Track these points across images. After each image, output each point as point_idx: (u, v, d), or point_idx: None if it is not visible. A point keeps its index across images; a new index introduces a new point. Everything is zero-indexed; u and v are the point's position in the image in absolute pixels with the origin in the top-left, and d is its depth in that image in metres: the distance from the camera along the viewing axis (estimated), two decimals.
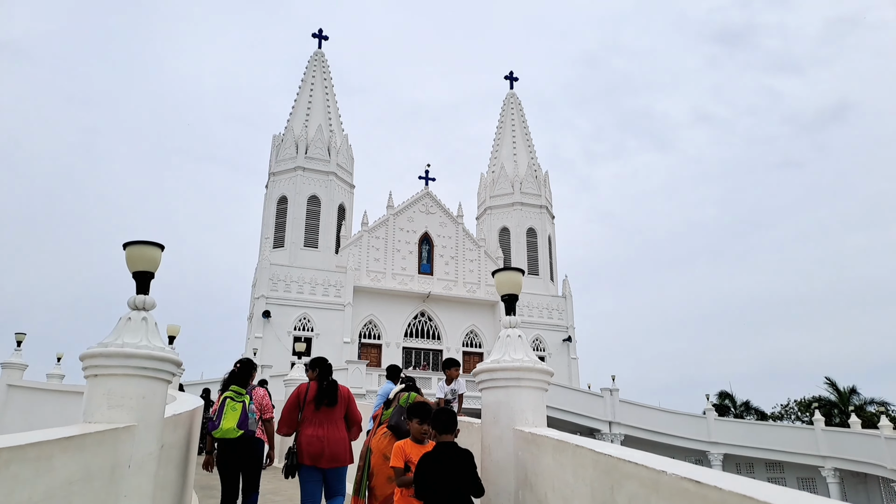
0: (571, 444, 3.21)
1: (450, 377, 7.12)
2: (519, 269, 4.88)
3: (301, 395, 5.72)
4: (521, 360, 4.48)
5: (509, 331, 4.76)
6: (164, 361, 4.09)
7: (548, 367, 4.58)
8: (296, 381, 12.86)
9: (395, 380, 8.21)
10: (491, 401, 4.55)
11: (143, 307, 4.24)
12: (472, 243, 40.38)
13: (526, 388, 4.43)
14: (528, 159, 45.14)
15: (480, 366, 4.64)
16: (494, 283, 4.89)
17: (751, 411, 45.07)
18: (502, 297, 4.87)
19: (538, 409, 4.49)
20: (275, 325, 33.77)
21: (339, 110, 42.82)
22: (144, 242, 4.36)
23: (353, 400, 5.96)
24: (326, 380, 5.87)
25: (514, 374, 4.43)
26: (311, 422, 5.56)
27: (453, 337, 37.93)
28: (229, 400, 5.79)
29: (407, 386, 6.44)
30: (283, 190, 38.49)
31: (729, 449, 33.49)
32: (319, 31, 43.79)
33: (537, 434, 3.87)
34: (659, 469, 2.17)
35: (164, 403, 4.19)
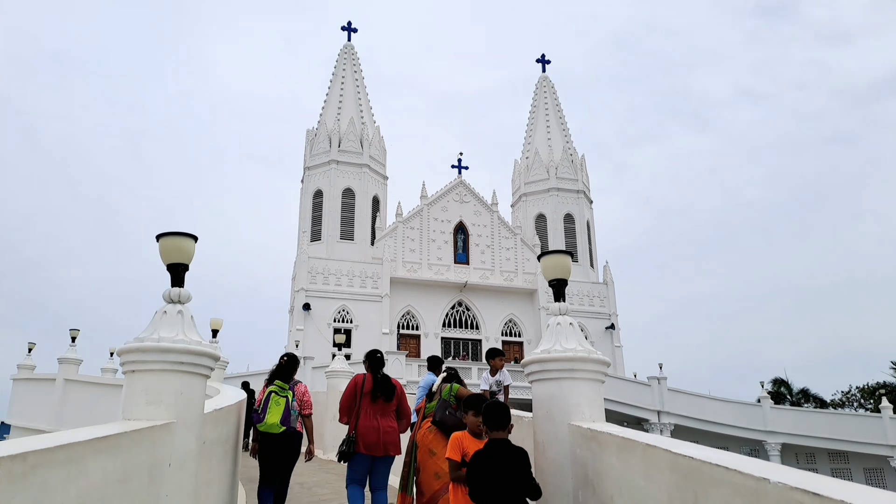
0: (641, 444, 2.91)
1: (494, 368, 6.82)
2: (567, 252, 4.56)
3: (358, 387, 5.91)
4: (573, 350, 4.18)
5: (559, 318, 4.45)
6: (202, 356, 3.93)
7: (604, 357, 4.27)
8: (337, 372, 12.83)
9: (436, 371, 7.99)
10: (543, 394, 4.26)
11: (179, 300, 4.10)
12: (507, 231, 39.91)
13: (581, 379, 4.13)
14: (563, 143, 44.29)
15: (530, 356, 4.35)
16: (540, 268, 4.59)
17: (810, 399, 43.42)
18: (550, 283, 4.56)
19: (595, 403, 4.18)
20: (315, 318, 34.07)
21: (370, 102, 42.76)
22: (178, 234, 4.21)
23: (404, 394, 6.15)
24: (379, 372, 6.02)
25: (567, 365, 4.13)
26: (368, 413, 5.78)
27: (492, 326, 37.64)
28: (274, 395, 6.06)
29: (448, 375, 6.21)
30: (318, 184, 38.70)
31: (787, 438, 32.35)
32: (349, 23, 43.74)
33: (598, 431, 3.57)
34: (759, 476, 1.85)
35: (202, 399, 4.04)
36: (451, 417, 5.53)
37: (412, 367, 30.02)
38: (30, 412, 15.36)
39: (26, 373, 17.21)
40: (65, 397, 14.72)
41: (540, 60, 47.74)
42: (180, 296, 4.11)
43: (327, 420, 11.79)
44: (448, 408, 5.66)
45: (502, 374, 6.82)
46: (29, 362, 17.72)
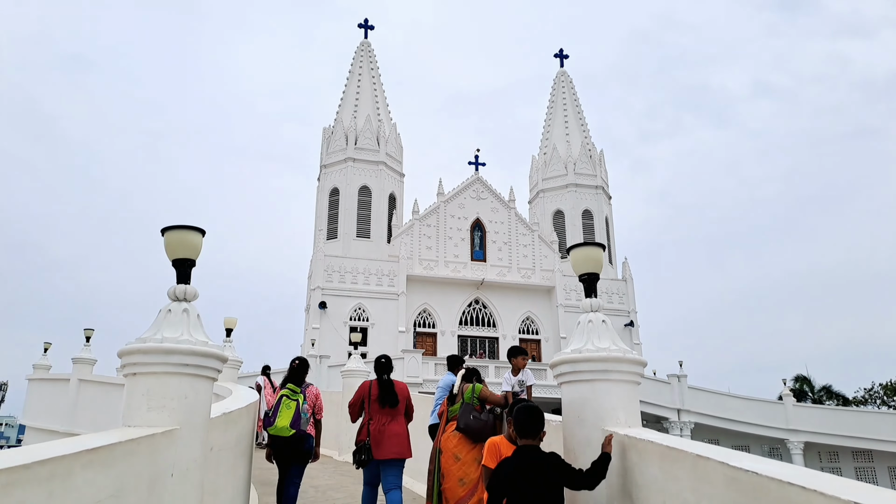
0: (690, 454, 2.59)
1: (516, 367, 6.48)
2: (599, 244, 4.23)
3: (364, 394, 6.09)
4: (607, 350, 3.85)
5: (591, 315, 4.12)
6: (208, 357, 3.67)
7: (640, 357, 3.93)
8: (353, 371, 12.60)
9: (455, 371, 7.69)
10: (573, 397, 3.94)
11: (185, 298, 3.84)
12: (525, 228, 39.47)
13: (615, 381, 3.80)
14: (581, 139, 43.70)
15: (560, 356, 4.03)
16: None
17: (833, 396, 42.51)
18: (581, 277, 4.23)
19: (631, 407, 3.85)
20: (331, 316, 33.96)
21: (386, 99, 42.55)
22: (184, 227, 3.95)
23: (410, 396, 6.31)
24: (385, 377, 6.16)
25: (600, 366, 3.80)
26: (377, 418, 5.93)
27: (509, 324, 37.25)
28: (285, 398, 6.17)
29: (467, 373, 5.91)
30: (335, 181, 38.59)
31: (810, 437, 31.71)
32: (365, 20, 43.55)
33: (637, 438, 3.24)
34: (849, 499, 1.52)
35: (209, 403, 3.78)
36: (476, 422, 5.24)
37: (428, 365, 29.78)
38: (44, 413, 15.32)
39: (42, 373, 17.19)
40: (79, 398, 14.65)
41: (558, 55, 47.20)
42: (186, 293, 3.86)
43: (343, 420, 11.55)
44: (472, 411, 5.36)
45: (525, 374, 6.48)
46: (45, 362, 17.70)
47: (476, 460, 5.19)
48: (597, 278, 4.22)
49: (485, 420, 5.31)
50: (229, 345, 10.85)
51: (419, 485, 8.17)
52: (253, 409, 6.15)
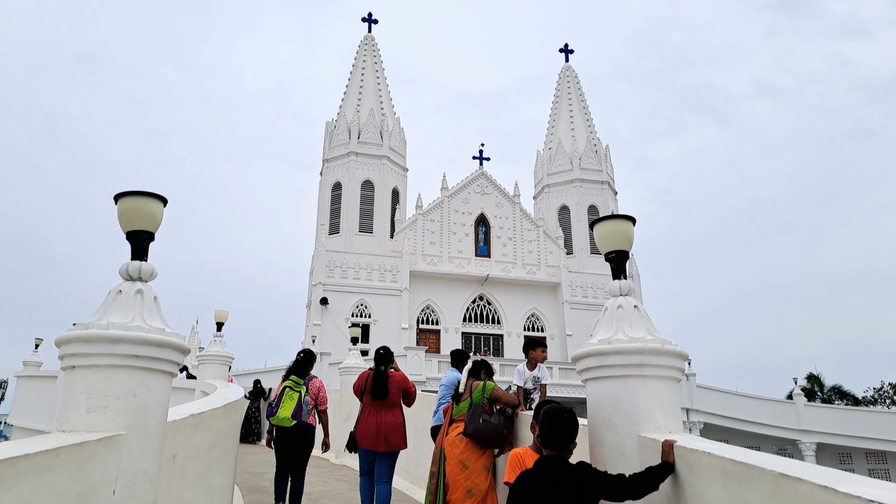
0: (768, 472, 1.97)
1: (533, 361, 5.82)
2: (629, 217, 3.60)
3: (362, 383, 6.18)
4: (642, 340, 3.21)
5: (620, 300, 3.48)
6: (164, 347, 3.05)
7: (681, 349, 3.30)
8: (351, 368, 11.98)
9: (460, 367, 7.06)
10: (601, 396, 3.30)
11: (139, 277, 3.22)
12: (530, 223, 38.82)
13: (652, 378, 3.17)
14: (586, 134, 43.00)
15: (584, 348, 3.40)
16: (595, 236, 3.64)
17: (843, 396, 41.83)
18: (607, 256, 3.61)
19: (671, 408, 3.22)
20: (332, 312, 33.38)
21: (390, 94, 41.90)
22: (141, 193, 3.33)
23: (406, 383, 6.27)
24: (381, 367, 6.15)
25: (634, 359, 3.17)
26: (370, 408, 6.00)
27: (514, 321, 36.62)
28: (288, 390, 6.34)
29: (475, 367, 5.27)
30: (337, 176, 37.99)
31: (822, 438, 31.08)
32: (369, 14, 42.92)
33: (687, 448, 2.62)
34: None
35: (165, 403, 3.16)
36: (486, 425, 4.61)
37: (432, 362, 29.17)
38: (31, 412, 14.74)
39: (32, 370, 16.62)
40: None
41: (563, 50, 46.49)
42: (140, 271, 3.23)
43: (340, 421, 10.93)
44: (482, 413, 4.73)
45: (541, 370, 5.83)
46: (35, 359, 17.12)
47: (486, 468, 4.58)
48: (626, 256, 3.59)
49: (495, 423, 4.69)
50: (220, 339, 10.27)
51: (420, 491, 7.56)
52: (235, 409, 5.52)
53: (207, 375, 9.84)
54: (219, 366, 10.03)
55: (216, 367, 9.95)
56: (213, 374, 9.82)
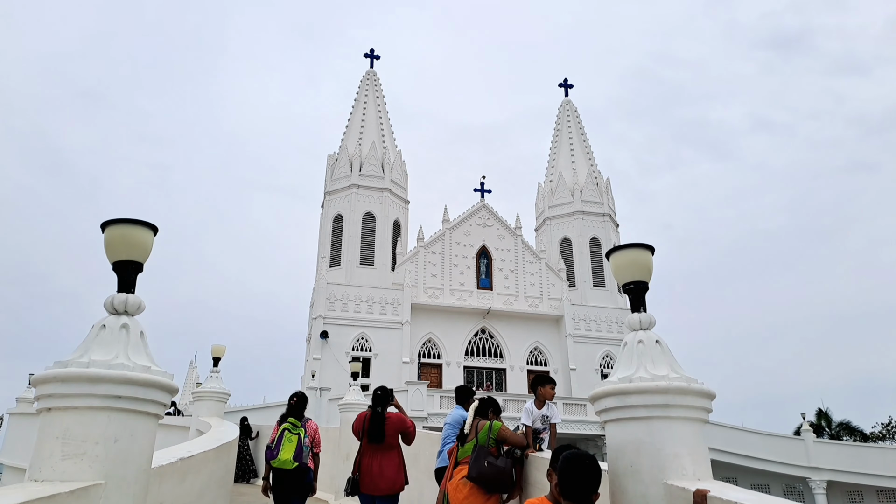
0: None
1: (541, 398, 5.49)
2: (647, 246, 3.40)
3: (360, 424, 6.07)
4: (666, 378, 2.98)
5: (641, 334, 3.25)
6: (149, 387, 2.81)
7: (708, 388, 3.06)
8: (351, 405, 11.60)
9: (465, 404, 6.76)
10: (623, 440, 3.05)
11: (125, 310, 3.01)
12: (531, 256, 38.64)
13: (678, 419, 2.92)
14: (587, 166, 43.17)
15: (604, 386, 3.15)
16: (611, 266, 3.43)
17: (852, 432, 40.99)
18: (625, 287, 3.40)
19: (699, 453, 2.95)
20: (333, 346, 32.94)
21: (391, 127, 42.26)
22: (129, 221, 3.14)
23: (403, 423, 6.11)
24: (375, 410, 6.07)
25: (658, 399, 2.92)
26: (367, 451, 5.88)
27: (516, 354, 36.12)
28: (287, 432, 6.32)
29: (481, 405, 4.98)
30: (339, 208, 37.99)
31: (833, 475, 30.23)
32: (371, 50, 43.61)
33: (725, 500, 2.36)
34: None
35: (150, 448, 2.91)
36: (491, 468, 4.32)
37: (434, 398, 28.59)
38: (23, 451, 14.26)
39: (25, 406, 16.17)
40: None
41: (562, 85, 47.08)
42: (127, 304, 3.02)
43: (340, 461, 10.52)
44: (487, 455, 4.45)
45: (550, 408, 5.51)
46: (29, 395, 16.64)
47: None
48: (646, 288, 3.37)
49: (502, 466, 4.40)
50: (216, 375, 9.93)
51: None
52: (229, 451, 5.23)
53: (203, 413, 9.51)
54: (215, 403, 9.70)
55: (212, 405, 9.62)
56: (208, 412, 9.49)
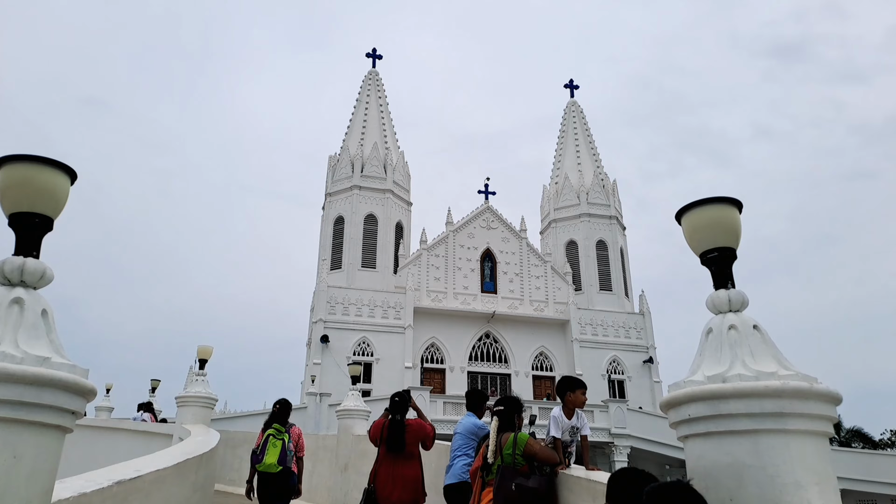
0: None
1: (571, 406, 4.51)
2: (733, 201, 2.55)
3: (378, 433, 5.80)
4: (776, 376, 2.13)
5: (732, 318, 2.39)
6: (46, 387, 1.96)
7: (835, 390, 2.20)
8: (350, 412, 10.74)
9: (478, 411, 5.90)
10: (715, 462, 2.18)
11: (21, 280, 2.16)
12: (537, 259, 37.74)
13: (797, 433, 2.06)
14: (593, 168, 42.33)
15: (683, 388, 2.28)
16: (683, 229, 2.58)
17: (862, 439, 40.03)
18: (705, 256, 2.54)
19: (827, 481, 2.09)
20: (333, 351, 32.05)
21: (394, 128, 41.51)
22: (37, 160, 2.30)
23: (424, 430, 5.81)
24: (395, 419, 5.78)
25: (769, 406, 2.06)
26: (386, 460, 5.63)
27: (521, 359, 35.18)
28: (272, 437, 6.55)
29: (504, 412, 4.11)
30: (340, 210, 37.17)
31: (845, 484, 29.20)
32: (373, 50, 42.87)
33: None
34: None
35: (49, 473, 2.05)
36: (520, 492, 3.45)
37: (437, 404, 27.70)
38: None
39: None
40: None
41: (568, 86, 46.35)
42: (24, 272, 2.17)
43: (337, 471, 9.63)
44: (514, 476, 3.58)
45: (579, 417, 4.56)
46: None
47: None
48: (733, 256, 2.52)
49: (534, 487, 3.54)
50: (202, 379, 9.03)
51: None
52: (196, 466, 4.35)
53: (188, 419, 8.64)
54: (200, 408, 8.81)
55: (197, 411, 8.73)
56: (193, 418, 8.61)
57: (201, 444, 4.88)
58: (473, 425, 5.47)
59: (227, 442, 13.16)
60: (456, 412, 27.76)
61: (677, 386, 2.32)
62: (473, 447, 5.24)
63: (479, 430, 5.38)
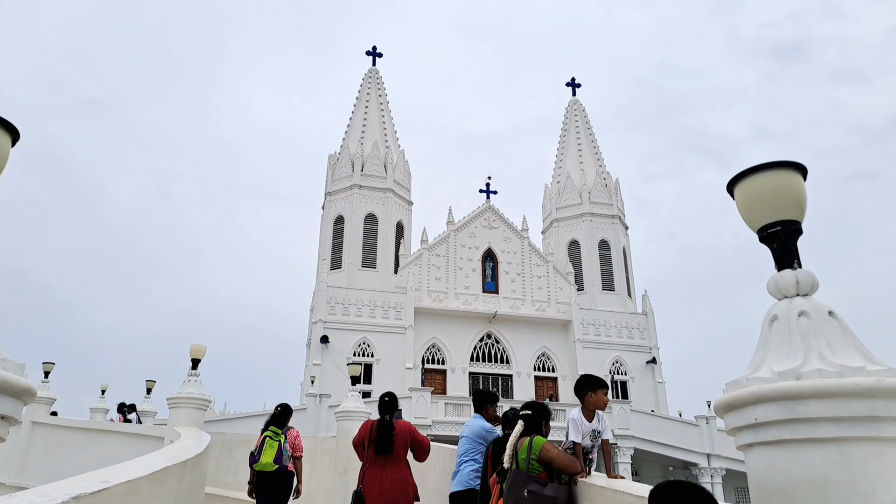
0: None
1: (592, 407, 4.01)
2: (796, 166, 2.17)
3: (365, 435, 5.62)
4: (864, 371, 1.76)
5: (801, 303, 2.01)
6: None
7: None
8: (350, 413, 10.34)
9: (486, 411, 5.50)
10: (790, 476, 1.80)
11: None
12: (539, 258, 37.34)
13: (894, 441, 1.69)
14: (595, 167, 41.93)
15: (747, 386, 1.90)
16: (737, 201, 2.20)
17: None
18: (764, 231, 2.16)
19: None
20: (333, 351, 31.65)
21: (394, 126, 41.13)
22: None
23: (415, 434, 5.60)
24: (384, 419, 5.58)
25: (861, 408, 1.68)
26: (374, 462, 5.49)
27: (523, 360, 34.78)
28: (268, 439, 6.92)
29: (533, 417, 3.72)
30: (340, 209, 36.78)
31: None
32: (373, 48, 42.49)
33: None
34: None
35: None
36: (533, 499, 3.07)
37: (438, 405, 27.32)
38: None
39: None
40: (31, 444, 12.40)
41: (570, 84, 45.98)
42: None
43: (337, 474, 9.24)
44: (528, 482, 3.21)
45: (601, 420, 4.09)
46: None
47: None
48: (799, 231, 2.14)
49: (551, 496, 3.16)
50: (195, 379, 8.58)
51: None
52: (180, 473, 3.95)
53: (180, 421, 8.24)
54: (193, 410, 8.40)
55: (189, 412, 8.32)
56: (185, 420, 8.21)
57: (187, 448, 4.47)
58: (481, 428, 5.07)
59: (224, 444, 12.78)
60: (457, 413, 27.36)
61: (738, 384, 1.94)
62: (482, 451, 4.85)
63: (488, 434, 4.98)
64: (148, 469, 3.15)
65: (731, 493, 29.36)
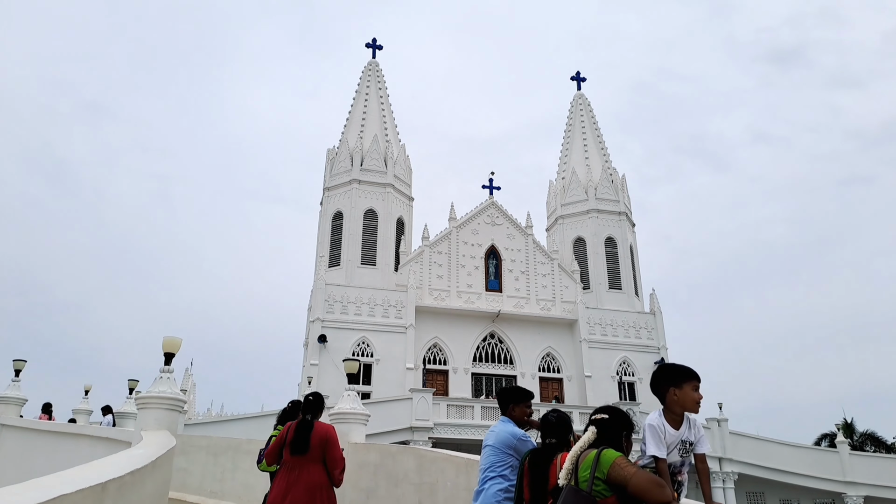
0: None
1: (678, 409, 2.94)
2: None
3: (282, 437, 5.28)
4: None
5: None
6: None
7: None
8: (346, 415, 9.27)
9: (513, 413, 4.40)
10: None
11: None
12: (543, 256, 36.28)
13: None
14: (601, 163, 40.87)
15: None
16: None
17: (877, 443, 38.83)
18: None
19: None
20: (331, 351, 30.58)
21: (395, 120, 40.09)
22: None
23: (331, 442, 5.19)
24: (305, 419, 5.25)
25: None
26: (286, 465, 5.14)
27: (527, 360, 33.72)
28: (275, 437, 6.22)
29: (610, 422, 2.67)
30: (338, 205, 35.74)
31: (871, 490, 28.02)
32: (373, 40, 41.46)
33: None
34: None
35: None
36: None
37: (440, 406, 26.32)
38: None
39: None
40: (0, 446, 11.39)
41: (574, 78, 44.91)
42: None
43: None
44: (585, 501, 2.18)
45: (695, 428, 3.06)
46: None
47: None
48: None
49: None
50: (168, 377, 7.42)
51: None
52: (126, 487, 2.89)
53: (149, 424, 7.15)
54: (165, 411, 7.27)
55: (161, 414, 7.19)
56: (156, 423, 7.13)
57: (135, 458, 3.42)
58: (510, 435, 3.94)
59: (209, 449, 11.72)
60: (459, 416, 26.33)
61: None
62: (512, 465, 3.77)
63: (521, 444, 3.85)
64: (82, 483, 2.08)
65: (742, 497, 28.36)
